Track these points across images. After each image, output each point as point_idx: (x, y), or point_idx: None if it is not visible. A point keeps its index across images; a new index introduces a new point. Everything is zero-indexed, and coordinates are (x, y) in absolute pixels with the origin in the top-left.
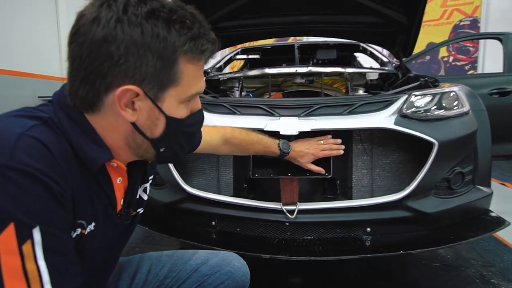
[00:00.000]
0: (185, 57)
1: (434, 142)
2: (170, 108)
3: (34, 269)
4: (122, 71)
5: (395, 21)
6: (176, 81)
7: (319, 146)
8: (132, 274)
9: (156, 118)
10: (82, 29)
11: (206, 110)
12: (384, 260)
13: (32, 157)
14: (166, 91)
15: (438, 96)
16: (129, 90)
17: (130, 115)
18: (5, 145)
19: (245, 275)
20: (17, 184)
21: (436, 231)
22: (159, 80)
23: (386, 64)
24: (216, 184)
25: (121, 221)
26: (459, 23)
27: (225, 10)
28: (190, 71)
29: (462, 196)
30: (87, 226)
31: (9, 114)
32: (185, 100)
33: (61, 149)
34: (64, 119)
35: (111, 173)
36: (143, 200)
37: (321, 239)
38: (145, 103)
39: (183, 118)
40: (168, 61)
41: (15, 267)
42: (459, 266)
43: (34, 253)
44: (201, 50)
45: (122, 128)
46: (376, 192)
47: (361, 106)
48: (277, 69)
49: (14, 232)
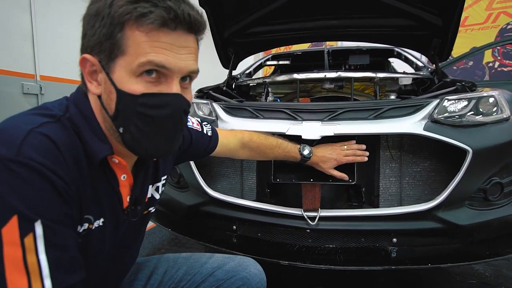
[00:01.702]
0: (130, 23)
1: (468, 150)
2: (120, 79)
3: (34, 262)
4: (85, 43)
5: (430, 24)
6: (122, 48)
7: (342, 151)
8: (148, 274)
9: (109, 90)
10: None
11: (230, 114)
12: (414, 274)
13: (38, 152)
14: (115, 61)
15: (474, 101)
16: (85, 59)
17: (94, 88)
18: (14, 140)
19: (260, 281)
20: (22, 178)
21: (470, 245)
22: (107, 48)
23: (421, 69)
24: (240, 188)
25: (128, 218)
26: (506, 26)
27: (256, 15)
28: (139, 38)
29: (501, 208)
30: (95, 221)
31: (26, 112)
32: (137, 72)
33: (70, 146)
34: (75, 112)
35: (116, 170)
36: (155, 199)
37: (343, 248)
38: (103, 75)
39: (135, 94)
40: (111, 27)
41: (16, 258)
42: (498, 284)
43: (36, 246)
44: (141, 13)
45: (97, 107)
46: (405, 201)
47: (389, 110)
48: (306, 74)
49: (17, 225)
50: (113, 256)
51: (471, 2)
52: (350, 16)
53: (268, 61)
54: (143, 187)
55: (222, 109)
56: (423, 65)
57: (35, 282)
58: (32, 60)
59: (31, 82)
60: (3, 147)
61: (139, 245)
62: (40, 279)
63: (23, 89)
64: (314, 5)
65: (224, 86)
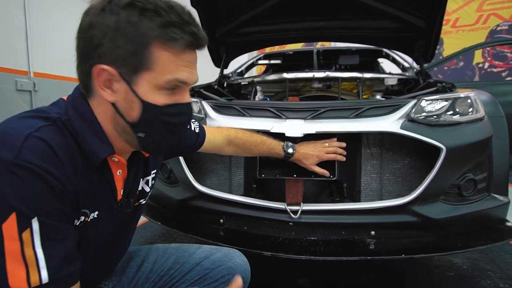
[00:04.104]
0: (158, 44)
1: (442, 147)
2: (145, 92)
3: (31, 255)
4: (100, 53)
5: (415, 26)
6: (148, 66)
7: (324, 148)
8: (139, 263)
9: (131, 100)
10: (81, 19)
11: (218, 112)
12: (395, 268)
13: (37, 156)
14: (138, 75)
15: (451, 101)
16: (104, 69)
17: (109, 95)
18: (14, 144)
19: (245, 271)
20: (20, 179)
21: (444, 238)
22: (131, 63)
23: (407, 69)
24: (228, 184)
25: (122, 209)
26: (496, 28)
27: (246, 15)
28: (166, 58)
29: (474, 203)
30: (90, 214)
31: (24, 114)
32: (162, 87)
33: (65, 148)
34: (74, 116)
35: (112, 166)
36: (146, 192)
37: (324, 240)
38: (121, 85)
39: (160, 105)
40: (139, 45)
41: (15, 252)
42: (474, 276)
43: (33, 240)
44: (171, 37)
45: (108, 111)
46: (385, 197)
47: (369, 110)
48: (295, 74)
49: (15, 221)
50: (106, 246)
51: (462, 3)
52: (338, 17)
53: (260, 60)
54: (135, 181)
55: (211, 107)
56: (409, 66)
57: (32, 273)
58: (25, 56)
59: (24, 79)
60: (4, 150)
61: (131, 235)
62: (37, 270)
63: (16, 86)
64: (303, 7)
65: (216, 84)
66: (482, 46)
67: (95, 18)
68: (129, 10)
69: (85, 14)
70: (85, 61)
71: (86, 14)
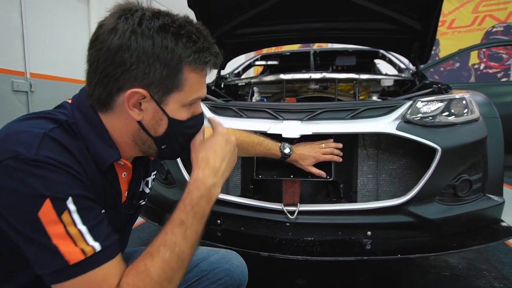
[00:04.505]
0: (189, 67)
1: (437, 148)
2: (173, 110)
3: (76, 232)
4: (132, 76)
5: (410, 28)
6: (180, 87)
7: (320, 149)
8: None
9: (159, 118)
10: (101, 37)
11: (215, 113)
12: (391, 268)
13: (56, 153)
14: (170, 95)
15: (446, 103)
16: (137, 92)
17: (137, 115)
18: (32, 143)
19: (242, 273)
20: (44, 170)
21: (439, 238)
22: (165, 86)
23: (404, 70)
24: (225, 184)
25: (125, 211)
26: (492, 29)
27: (244, 17)
28: (193, 79)
29: (469, 204)
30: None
31: (30, 116)
32: (187, 104)
33: (78, 149)
34: (80, 120)
35: (118, 169)
36: (145, 193)
37: (320, 240)
38: (151, 104)
39: (184, 120)
40: (174, 70)
41: (61, 233)
42: (470, 276)
43: (73, 220)
44: (204, 62)
45: (130, 126)
46: (381, 197)
47: (365, 111)
48: (292, 75)
49: (51, 206)
50: None
51: (458, 4)
52: (335, 19)
53: (257, 61)
54: (137, 183)
55: (208, 108)
56: (405, 67)
57: (83, 246)
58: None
59: (21, 80)
60: (23, 149)
61: (129, 236)
62: (86, 243)
63: (13, 87)
64: (300, 8)
65: (213, 85)
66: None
67: (126, 41)
68: (163, 34)
69: (110, 33)
70: (110, 82)
71: (112, 33)
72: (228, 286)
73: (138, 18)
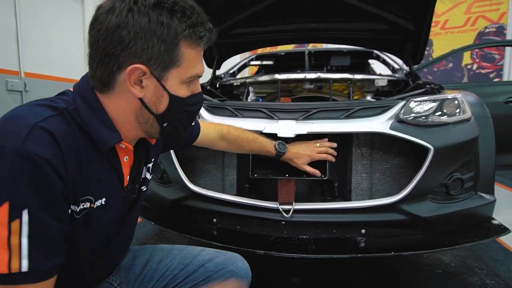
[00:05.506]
0: (185, 42)
1: (430, 147)
2: (173, 87)
3: (16, 243)
4: (132, 52)
5: (403, 28)
6: (178, 63)
7: (315, 148)
8: (145, 262)
9: (160, 95)
10: (100, 18)
11: (211, 112)
12: (386, 266)
13: (40, 146)
14: (169, 71)
15: (438, 103)
16: (137, 68)
17: (138, 92)
18: (20, 133)
19: (247, 275)
20: (20, 169)
21: (433, 236)
22: (163, 61)
23: (397, 71)
24: (221, 183)
25: (128, 195)
26: (484, 30)
27: (239, 17)
28: (190, 55)
29: (461, 202)
30: (96, 201)
31: (33, 103)
32: (186, 81)
33: (69, 138)
34: (81, 104)
35: (120, 153)
36: (147, 179)
37: (315, 238)
38: (151, 81)
39: (184, 97)
40: (171, 45)
41: (2, 237)
42: (462, 273)
43: (20, 230)
44: (199, 36)
45: (132, 104)
46: (375, 196)
47: (359, 111)
48: (287, 75)
49: (7, 210)
50: (114, 231)
51: (451, 5)
52: (329, 19)
53: (252, 61)
54: (139, 167)
55: (204, 108)
56: (399, 67)
57: (14, 260)
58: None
59: (15, 79)
60: (9, 139)
61: (134, 226)
62: (19, 258)
63: (7, 86)
64: (295, 9)
65: (208, 85)
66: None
67: (124, 19)
68: (158, 10)
69: (108, 13)
70: (111, 60)
71: (110, 13)
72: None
73: None
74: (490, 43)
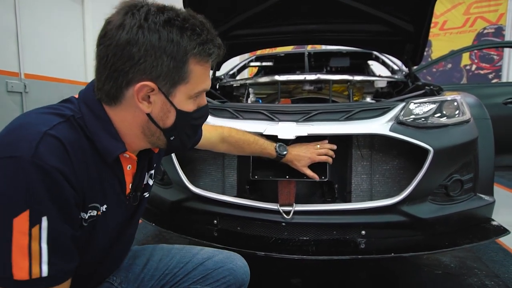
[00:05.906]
0: (195, 59)
1: (429, 149)
2: (180, 102)
3: (37, 249)
4: (141, 69)
5: (403, 30)
6: (186, 79)
7: (316, 150)
8: (145, 261)
9: (167, 110)
10: (109, 33)
11: (212, 114)
12: (387, 267)
13: (52, 155)
14: (177, 88)
15: (438, 104)
16: (146, 85)
17: (146, 107)
18: (31, 142)
19: (245, 273)
20: (35, 179)
21: (432, 237)
22: (172, 78)
23: (397, 72)
24: (221, 185)
25: (130, 202)
26: (483, 31)
27: (239, 18)
28: (198, 71)
29: (461, 203)
30: (101, 208)
31: (39, 110)
32: (193, 96)
33: (77, 145)
34: (87, 113)
35: (123, 162)
36: (149, 185)
37: (316, 240)
38: (159, 97)
39: (190, 112)
40: (180, 62)
41: (23, 245)
42: (462, 274)
43: (40, 236)
44: (208, 54)
45: (139, 118)
46: (375, 197)
47: (359, 112)
48: (286, 76)
49: (28, 217)
50: (115, 238)
51: (450, 6)
52: (329, 21)
53: (251, 62)
54: (142, 175)
55: None
56: (398, 68)
57: (34, 266)
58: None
59: (15, 80)
60: (21, 148)
61: (135, 229)
62: (39, 263)
63: (7, 87)
64: (295, 10)
65: None
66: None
67: (134, 35)
68: (169, 28)
69: (118, 29)
70: (119, 76)
71: (120, 29)
72: (231, 285)
73: (144, 13)
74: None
